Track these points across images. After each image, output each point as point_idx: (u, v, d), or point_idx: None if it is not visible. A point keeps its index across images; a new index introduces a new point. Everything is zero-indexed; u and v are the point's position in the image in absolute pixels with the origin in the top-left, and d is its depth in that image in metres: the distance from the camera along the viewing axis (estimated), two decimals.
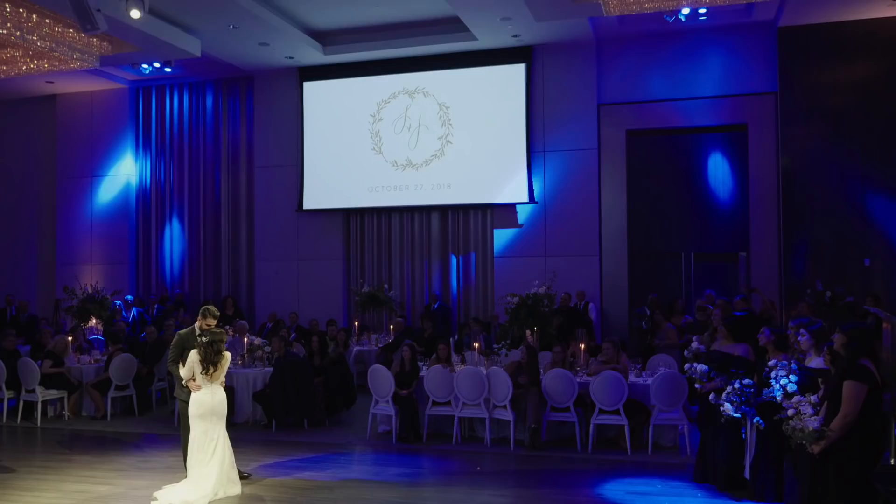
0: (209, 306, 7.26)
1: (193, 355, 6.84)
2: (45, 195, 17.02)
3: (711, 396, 6.68)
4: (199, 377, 6.82)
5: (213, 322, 7.12)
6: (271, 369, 9.80)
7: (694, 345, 8.23)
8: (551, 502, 6.85)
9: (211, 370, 6.80)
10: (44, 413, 10.45)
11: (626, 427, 8.33)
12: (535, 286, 10.81)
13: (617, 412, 8.33)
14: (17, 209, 17.17)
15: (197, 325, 7.20)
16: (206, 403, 6.79)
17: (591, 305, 13.36)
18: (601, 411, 8.40)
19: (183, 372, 6.94)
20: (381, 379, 9.10)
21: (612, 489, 7.16)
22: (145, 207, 16.58)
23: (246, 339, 10.79)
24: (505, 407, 8.61)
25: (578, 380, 8.63)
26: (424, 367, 9.36)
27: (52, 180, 16.92)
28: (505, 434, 8.79)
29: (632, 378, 8.78)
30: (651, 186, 14.17)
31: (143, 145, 16.65)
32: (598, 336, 12.75)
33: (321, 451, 8.71)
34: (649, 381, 8.53)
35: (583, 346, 9.64)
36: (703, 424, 7.07)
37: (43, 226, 17.03)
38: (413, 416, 9.02)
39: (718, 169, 14.15)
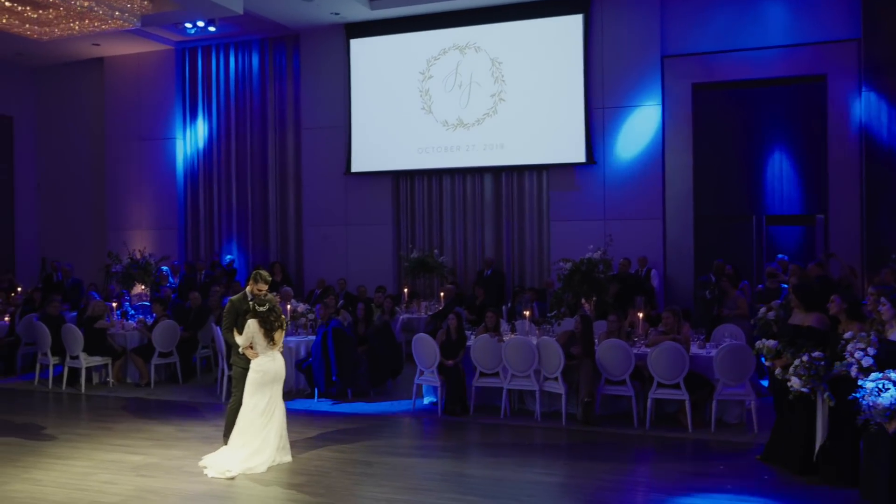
0: (261, 271, 7.16)
1: (252, 325, 6.74)
2: (95, 159, 16.98)
3: (777, 371, 6.22)
4: (260, 345, 6.71)
5: (265, 287, 7.02)
6: (314, 337, 9.47)
7: (762, 310, 7.61)
8: (605, 482, 6.38)
9: (274, 337, 6.77)
10: (88, 380, 10.38)
11: (686, 402, 7.76)
12: (591, 251, 10.18)
13: (677, 386, 7.76)
14: (68, 174, 17.20)
15: (248, 289, 7.11)
16: (270, 370, 6.78)
17: (653, 272, 12.67)
18: (660, 385, 7.84)
19: (240, 340, 6.85)
20: (426, 348, 8.70)
21: (670, 469, 6.67)
22: (193, 171, 16.38)
23: (289, 306, 10.46)
24: (556, 379, 8.11)
25: (635, 351, 8.10)
26: (472, 337, 8.88)
27: (101, 144, 16.85)
28: (556, 408, 8.30)
29: (694, 349, 8.19)
30: (719, 144, 13.38)
31: (190, 108, 16.40)
32: (660, 305, 12.05)
33: (364, 422, 8.39)
34: (713, 352, 7.91)
35: (641, 314, 9.04)
36: (778, 404, 6.48)
37: (94, 190, 17.03)
38: (459, 388, 8.62)
39: (793, 124, 13.26)
